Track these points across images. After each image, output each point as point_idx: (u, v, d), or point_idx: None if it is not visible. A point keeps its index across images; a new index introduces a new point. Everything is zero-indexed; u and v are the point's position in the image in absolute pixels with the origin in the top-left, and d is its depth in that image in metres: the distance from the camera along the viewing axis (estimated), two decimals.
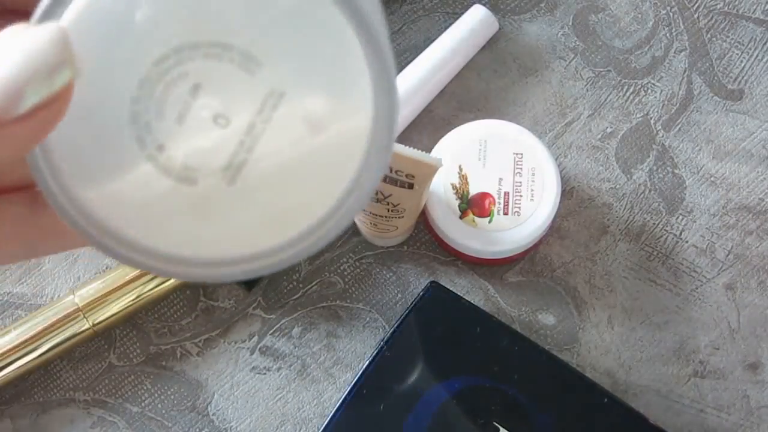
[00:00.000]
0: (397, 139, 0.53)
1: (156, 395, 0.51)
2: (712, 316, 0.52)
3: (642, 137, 0.55)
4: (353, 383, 0.46)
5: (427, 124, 0.55)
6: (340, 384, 0.51)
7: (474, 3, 0.56)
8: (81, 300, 0.50)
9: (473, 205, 0.50)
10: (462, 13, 0.55)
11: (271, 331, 0.52)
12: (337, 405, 0.46)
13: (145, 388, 0.51)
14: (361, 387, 0.46)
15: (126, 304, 0.50)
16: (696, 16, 0.56)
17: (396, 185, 0.45)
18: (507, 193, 0.50)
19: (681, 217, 0.53)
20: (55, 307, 0.50)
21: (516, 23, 0.56)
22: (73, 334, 0.50)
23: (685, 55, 0.56)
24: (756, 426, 0.50)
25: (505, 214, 0.49)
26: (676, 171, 0.54)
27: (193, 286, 0.52)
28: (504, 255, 0.50)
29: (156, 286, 0.51)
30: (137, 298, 0.50)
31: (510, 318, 0.52)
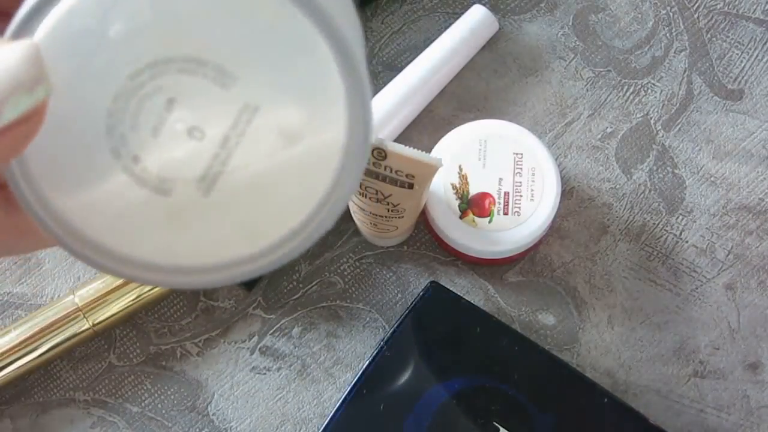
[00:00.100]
0: (397, 139, 0.54)
1: (156, 395, 0.51)
2: (712, 316, 0.52)
3: (642, 137, 0.54)
4: (353, 383, 0.46)
5: (427, 124, 0.55)
6: (340, 384, 0.51)
7: (474, 3, 0.56)
8: (81, 300, 0.50)
9: (473, 205, 0.50)
10: (462, 13, 0.55)
11: (271, 331, 0.52)
12: (337, 405, 0.46)
13: (145, 388, 0.51)
14: (361, 387, 0.46)
15: (126, 304, 0.50)
16: (696, 16, 0.56)
17: (396, 185, 0.45)
18: (507, 193, 0.50)
19: (681, 217, 0.53)
20: (55, 307, 0.50)
21: (516, 23, 0.56)
22: (73, 334, 0.50)
23: (685, 55, 0.56)
24: (756, 426, 0.50)
25: (505, 214, 0.49)
26: (676, 171, 0.54)
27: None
28: (504, 255, 0.50)
29: (156, 286, 0.51)
30: (137, 298, 0.50)
31: (510, 318, 0.52)
